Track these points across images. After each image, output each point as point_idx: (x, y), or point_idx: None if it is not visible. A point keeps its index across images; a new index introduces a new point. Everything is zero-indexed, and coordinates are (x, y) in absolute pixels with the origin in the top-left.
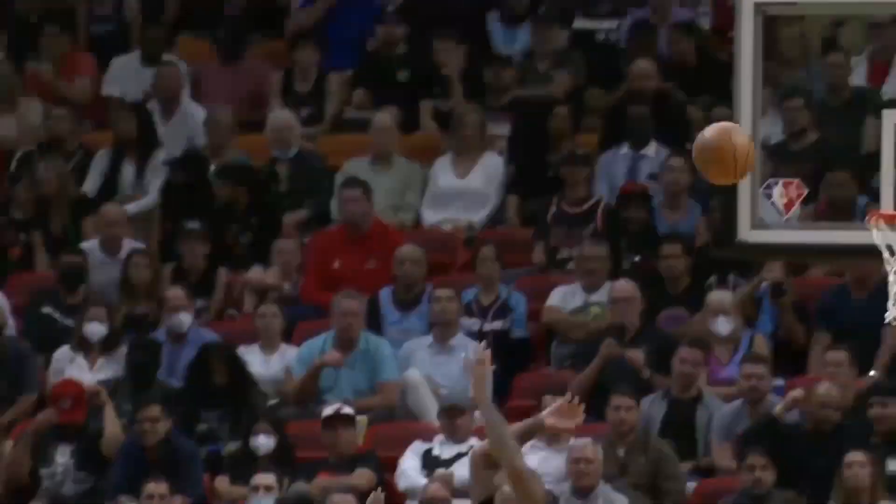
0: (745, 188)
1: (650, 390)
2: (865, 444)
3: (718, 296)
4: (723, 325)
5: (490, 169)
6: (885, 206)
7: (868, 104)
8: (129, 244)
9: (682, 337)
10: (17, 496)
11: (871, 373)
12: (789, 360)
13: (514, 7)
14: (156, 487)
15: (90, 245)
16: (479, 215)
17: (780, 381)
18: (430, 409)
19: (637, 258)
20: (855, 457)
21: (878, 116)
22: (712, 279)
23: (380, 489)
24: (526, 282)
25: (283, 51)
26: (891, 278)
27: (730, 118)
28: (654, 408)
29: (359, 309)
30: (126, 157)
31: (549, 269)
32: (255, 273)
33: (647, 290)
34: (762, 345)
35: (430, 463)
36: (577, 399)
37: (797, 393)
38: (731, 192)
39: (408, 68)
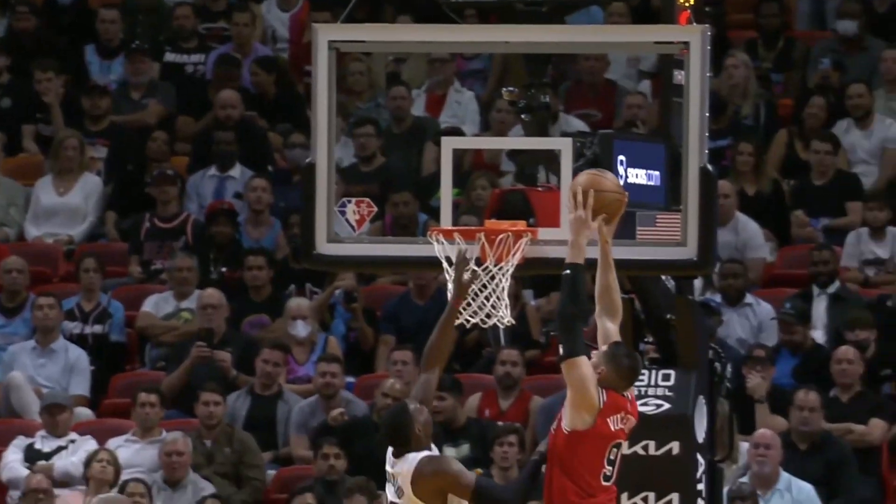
0: (321, 206)
1: (236, 388)
2: None
3: (297, 302)
4: (301, 329)
5: (88, 188)
6: (444, 223)
7: (427, 132)
8: None
9: (264, 340)
10: None
11: None
12: (360, 359)
13: (110, 41)
14: None
15: None
16: (78, 230)
17: (351, 379)
18: (33, 407)
19: (224, 269)
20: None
21: (437, 143)
22: (291, 288)
23: None
24: (123, 291)
25: None
26: (449, 286)
27: (306, 144)
28: (238, 403)
29: None
30: None
31: (144, 280)
32: None
33: (232, 297)
34: (335, 346)
35: (32, 456)
36: None
37: None
38: (308, 210)
39: (10, 96)
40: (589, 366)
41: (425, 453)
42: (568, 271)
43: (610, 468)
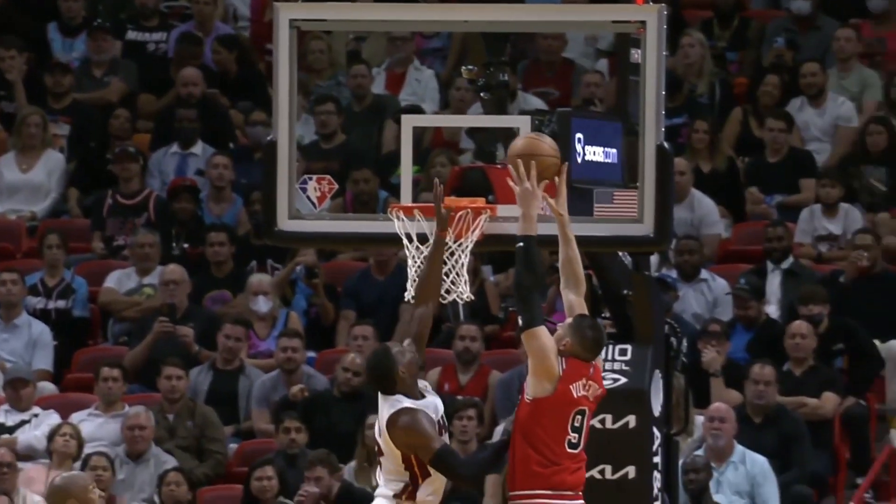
0: (283, 183)
1: (198, 362)
2: None
3: (258, 278)
4: (262, 304)
5: (51, 165)
6: (404, 200)
7: (387, 110)
8: None
9: (226, 315)
10: None
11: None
12: (320, 334)
13: (72, 19)
14: None
15: None
16: (41, 206)
17: (312, 354)
18: None
19: (186, 245)
20: (374, 419)
21: (396, 121)
22: (253, 264)
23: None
24: (86, 266)
25: None
26: (409, 262)
27: (267, 122)
28: (201, 378)
29: None
30: None
31: (107, 256)
32: None
33: (194, 273)
34: (297, 321)
35: None
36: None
37: None
38: (270, 187)
39: None
40: (548, 335)
41: (406, 404)
42: (521, 244)
43: (576, 435)
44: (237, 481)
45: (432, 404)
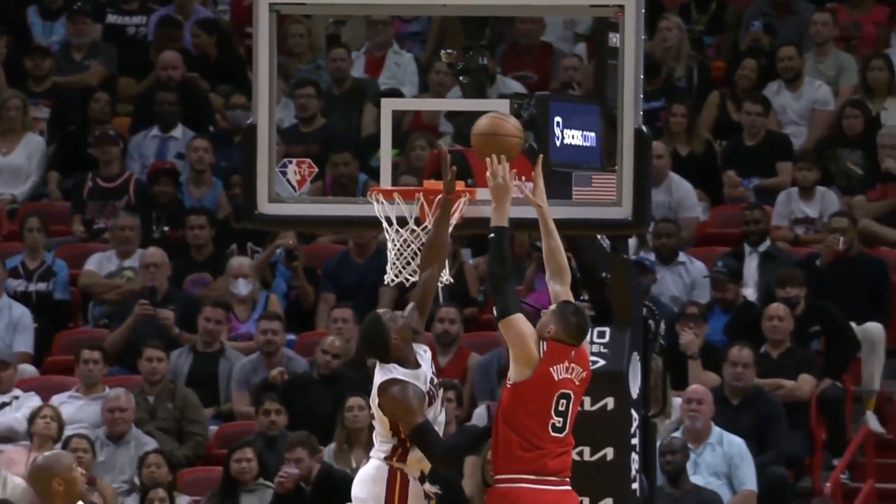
0: (263, 166)
1: (178, 345)
2: (364, 390)
3: (238, 261)
4: (242, 287)
5: (31, 148)
6: (384, 183)
7: (366, 93)
8: None
9: (206, 298)
10: None
11: None
12: (300, 317)
13: (52, 2)
14: None
15: None
16: (21, 189)
17: (292, 336)
18: None
19: (166, 228)
20: (355, 401)
21: (376, 104)
22: (233, 247)
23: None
24: (66, 249)
25: None
26: (389, 245)
27: (247, 105)
28: (181, 360)
29: None
30: None
31: (87, 238)
32: None
33: (174, 256)
34: (277, 304)
35: None
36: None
37: None
38: (250, 170)
39: None
40: (524, 322)
41: (397, 375)
42: (493, 235)
43: (560, 419)
44: (217, 463)
45: (423, 375)
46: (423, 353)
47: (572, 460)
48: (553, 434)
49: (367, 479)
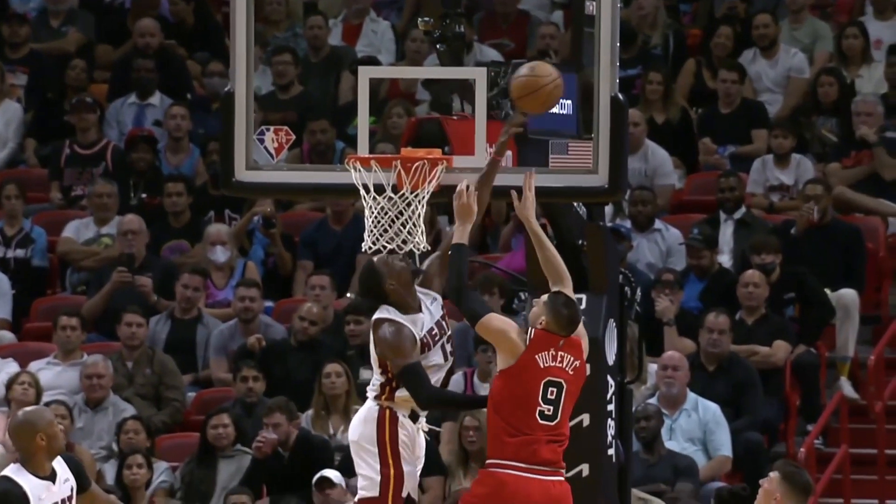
0: (240, 134)
1: (156, 312)
2: (342, 356)
3: (216, 228)
4: (220, 254)
5: (8, 114)
6: (361, 151)
7: (343, 61)
8: None
9: (184, 265)
10: None
11: (348, 294)
12: (278, 284)
13: None
14: None
15: None
16: None
17: (269, 303)
18: None
19: (143, 195)
20: (332, 368)
21: (353, 72)
22: (210, 214)
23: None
24: (44, 216)
25: None
26: (366, 213)
27: (225, 73)
28: (159, 327)
29: None
30: None
31: (65, 206)
32: None
33: (152, 223)
34: (254, 271)
35: None
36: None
37: None
38: (227, 137)
39: None
40: (498, 318)
41: (391, 315)
42: (452, 251)
43: (549, 407)
44: (195, 429)
45: (422, 320)
46: (430, 301)
47: None
48: (542, 422)
49: (359, 420)
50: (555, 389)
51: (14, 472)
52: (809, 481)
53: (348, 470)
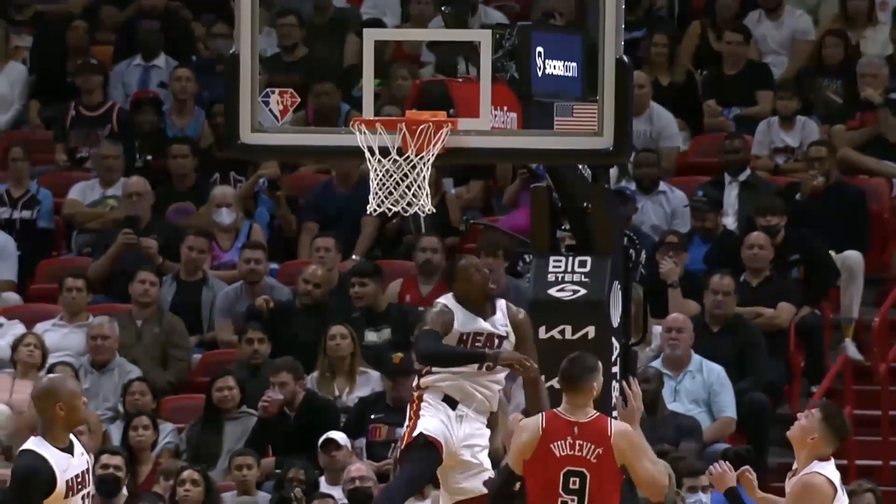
0: (245, 96)
1: (161, 274)
2: (347, 318)
3: (221, 190)
4: (225, 216)
5: (13, 76)
6: (366, 113)
7: (348, 23)
8: None
9: (189, 227)
10: None
11: (354, 257)
12: (283, 246)
13: None
14: None
15: None
16: (3, 118)
17: (274, 265)
18: None
19: (149, 157)
20: (337, 330)
21: (358, 34)
22: (216, 176)
23: None
24: (49, 178)
25: None
26: (371, 175)
27: (230, 35)
28: (164, 289)
29: None
30: None
31: (70, 167)
32: None
33: (157, 185)
34: (259, 233)
35: None
36: None
37: None
38: (232, 100)
39: None
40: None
41: (446, 301)
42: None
43: (572, 497)
44: (200, 391)
45: (476, 322)
46: (496, 312)
47: (553, 389)
48: None
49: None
50: (578, 479)
51: (36, 444)
52: (849, 427)
53: (353, 431)
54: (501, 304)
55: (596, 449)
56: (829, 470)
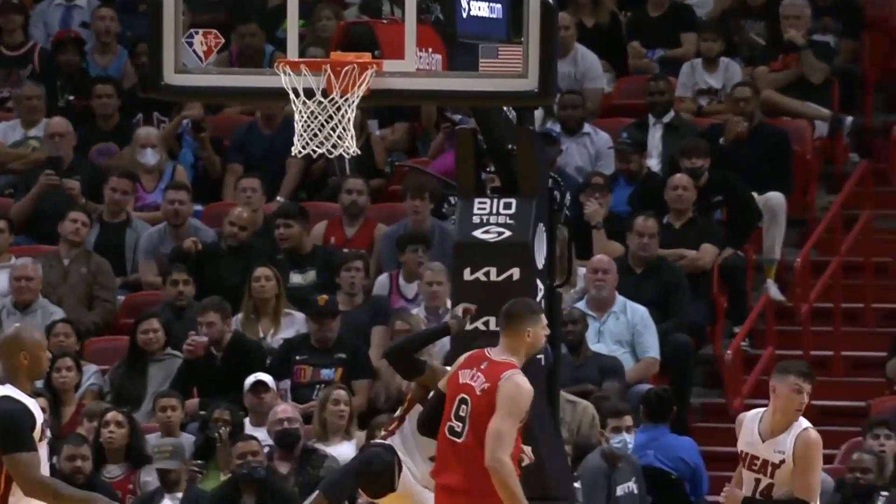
0: (169, 36)
1: (89, 216)
2: (272, 260)
3: (146, 131)
4: (150, 157)
5: None
6: (291, 55)
7: None
8: None
9: (112, 168)
10: None
11: (278, 198)
12: (207, 188)
13: None
14: None
15: None
16: None
17: (199, 207)
18: None
19: (71, 97)
20: (262, 271)
21: None
22: (139, 116)
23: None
24: None
25: None
26: (296, 117)
27: None
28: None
29: None
30: None
31: None
32: None
33: (80, 126)
34: (183, 174)
35: None
36: None
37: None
38: (156, 40)
39: None
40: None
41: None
42: None
43: (458, 423)
44: (124, 333)
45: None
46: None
47: (479, 330)
48: (449, 437)
49: None
50: (465, 407)
51: (8, 390)
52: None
53: (278, 373)
54: None
55: (485, 383)
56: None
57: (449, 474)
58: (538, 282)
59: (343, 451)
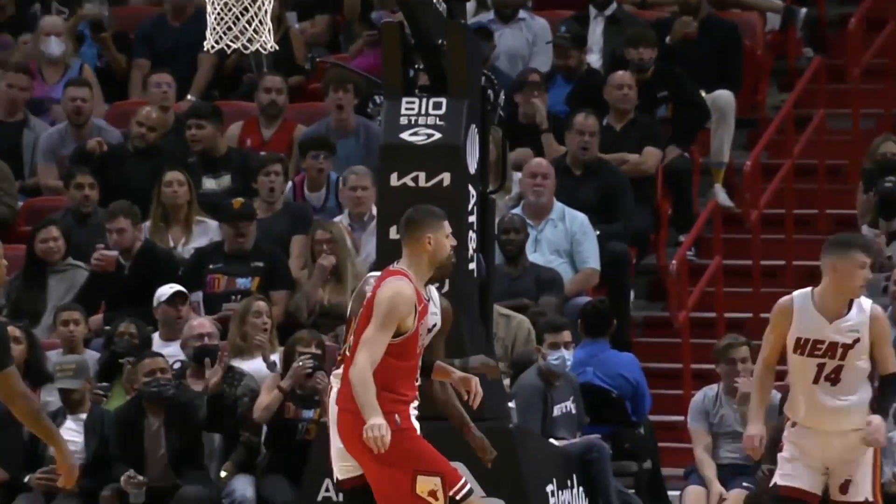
0: None
1: None
2: (183, 164)
3: (52, 20)
4: (54, 46)
5: None
6: None
7: None
8: None
9: (7, 63)
10: None
11: (189, 97)
12: (111, 85)
13: None
14: None
15: None
16: None
17: (105, 106)
18: None
19: None
20: (173, 175)
21: None
22: (37, 6)
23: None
24: None
25: None
26: (208, 9)
27: None
28: None
29: None
30: None
31: None
32: None
33: None
34: (89, 72)
35: None
36: None
37: None
38: None
39: None
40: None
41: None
42: None
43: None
44: (21, 242)
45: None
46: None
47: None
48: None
49: None
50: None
51: None
52: None
53: (190, 284)
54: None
55: (370, 294)
56: None
57: (340, 393)
58: (470, 188)
59: (259, 367)
